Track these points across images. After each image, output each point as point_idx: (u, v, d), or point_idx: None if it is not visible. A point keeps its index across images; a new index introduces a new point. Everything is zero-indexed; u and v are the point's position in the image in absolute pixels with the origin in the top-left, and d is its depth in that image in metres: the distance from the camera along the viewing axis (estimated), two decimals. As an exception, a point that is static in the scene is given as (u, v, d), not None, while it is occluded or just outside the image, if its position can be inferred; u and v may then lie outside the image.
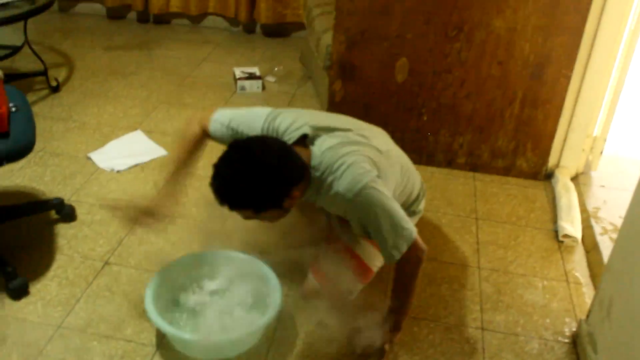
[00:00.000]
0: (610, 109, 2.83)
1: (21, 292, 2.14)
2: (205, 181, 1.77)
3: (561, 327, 2.17)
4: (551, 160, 2.97)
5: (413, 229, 1.86)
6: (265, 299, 2.02)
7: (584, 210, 2.73)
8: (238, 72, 3.73)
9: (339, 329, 2.02)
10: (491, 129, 2.92)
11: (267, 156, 1.75)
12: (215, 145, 2.03)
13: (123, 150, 3.00)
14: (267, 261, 2.11)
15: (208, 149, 2.09)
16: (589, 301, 2.22)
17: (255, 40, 4.51)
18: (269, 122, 1.96)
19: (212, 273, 2.13)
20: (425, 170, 2.99)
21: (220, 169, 1.75)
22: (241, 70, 3.77)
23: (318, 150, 1.88)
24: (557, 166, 2.99)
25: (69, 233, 2.45)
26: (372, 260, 2.08)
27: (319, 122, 1.95)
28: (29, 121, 2.21)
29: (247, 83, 3.67)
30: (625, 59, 2.71)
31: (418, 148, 3.00)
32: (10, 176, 2.76)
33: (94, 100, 3.47)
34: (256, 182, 1.72)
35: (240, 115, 2.03)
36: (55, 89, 3.54)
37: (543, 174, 2.99)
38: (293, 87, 3.77)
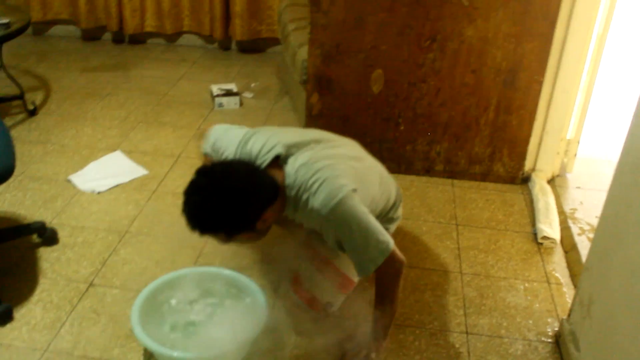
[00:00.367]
0: (582, 112, 2.89)
1: (5, 318, 2.13)
2: (187, 198, 1.79)
3: (544, 328, 2.20)
4: (527, 164, 3.02)
5: (390, 242, 1.88)
6: (251, 313, 2.03)
7: (562, 211, 2.78)
8: (215, 89, 3.75)
9: (325, 341, 2.03)
10: (467, 136, 2.97)
11: (234, 180, 1.77)
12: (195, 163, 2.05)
13: (103, 171, 3.00)
14: (251, 276, 2.13)
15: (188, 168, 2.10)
16: (570, 300, 2.26)
17: (231, 56, 4.53)
18: (242, 147, 1.99)
19: (198, 290, 2.13)
20: (404, 178, 3.03)
21: (188, 196, 1.78)
22: (218, 87, 3.79)
23: (291, 168, 1.89)
24: (534, 170, 3.04)
25: (52, 256, 2.45)
26: (352, 270, 2.07)
27: (291, 140, 1.96)
28: (8, 146, 2.21)
29: (225, 100, 3.69)
30: (594, 63, 2.77)
31: (396, 157, 3.04)
32: (-10, 202, 2.75)
33: (72, 122, 3.47)
34: (224, 207, 1.74)
35: (222, 136, 2.07)
36: (32, 113, 3.53)
37: (520, 178, 3.04)
38: (270, 102, 3.79)
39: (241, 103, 3.73)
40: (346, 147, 2.07)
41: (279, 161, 1.92)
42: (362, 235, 1.84)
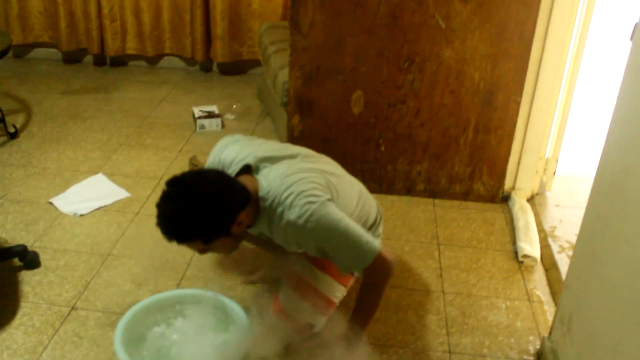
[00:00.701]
0: (559, 131, 2.93)
1: (-14, 343, 2.12)
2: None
3: (526, 346, 2.22)
4: (507, 183, 3.06)
5: (375, 242, 1.87)
6: (233, 334, 2.03)
7: (541, 230, 2.81)
8: (197, 111, 3.76)
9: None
10: (447, 156, 3.00)
11: (204, 185, 1.77)
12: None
13: (85, 194, 3.00)
14: (234, 297, 2.13)
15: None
16: (551, 318, 2.28)
17: (212, 78, 4.55)
18: (217, 157, 2.03)
19: (180, 312, 2.13)
20: (385, 199, 3.05)
21: (161, 207, 1.77)
22: (200, 109, 3.80)
23: (264, 180, 1.89)
24: (513, 188, 3.07)
25: (34, 280, 2.43)
26: (332, 291, 2.08)
27: (265, 153, 1.97)
28: (-11, 170, 2.20)
29: (207, 122, 3.70)
30: (570, 83, 2.82)
31: (378, 177, 3.07)
32: (-30, 226, 2.73)
33: (54, 145, 3.46)
34: (197, 212, 1.74)
35: (216, 146, 2.11)
36: (13, 135, 3.52)
37: (500, 197, 3.07)
38: (252, 124, 3.81)
39: (223, 125, 3.75)
40: (325, 164, 2.07)
41: (251, 172, 1.93)
42: (345, 239, 1.84)
